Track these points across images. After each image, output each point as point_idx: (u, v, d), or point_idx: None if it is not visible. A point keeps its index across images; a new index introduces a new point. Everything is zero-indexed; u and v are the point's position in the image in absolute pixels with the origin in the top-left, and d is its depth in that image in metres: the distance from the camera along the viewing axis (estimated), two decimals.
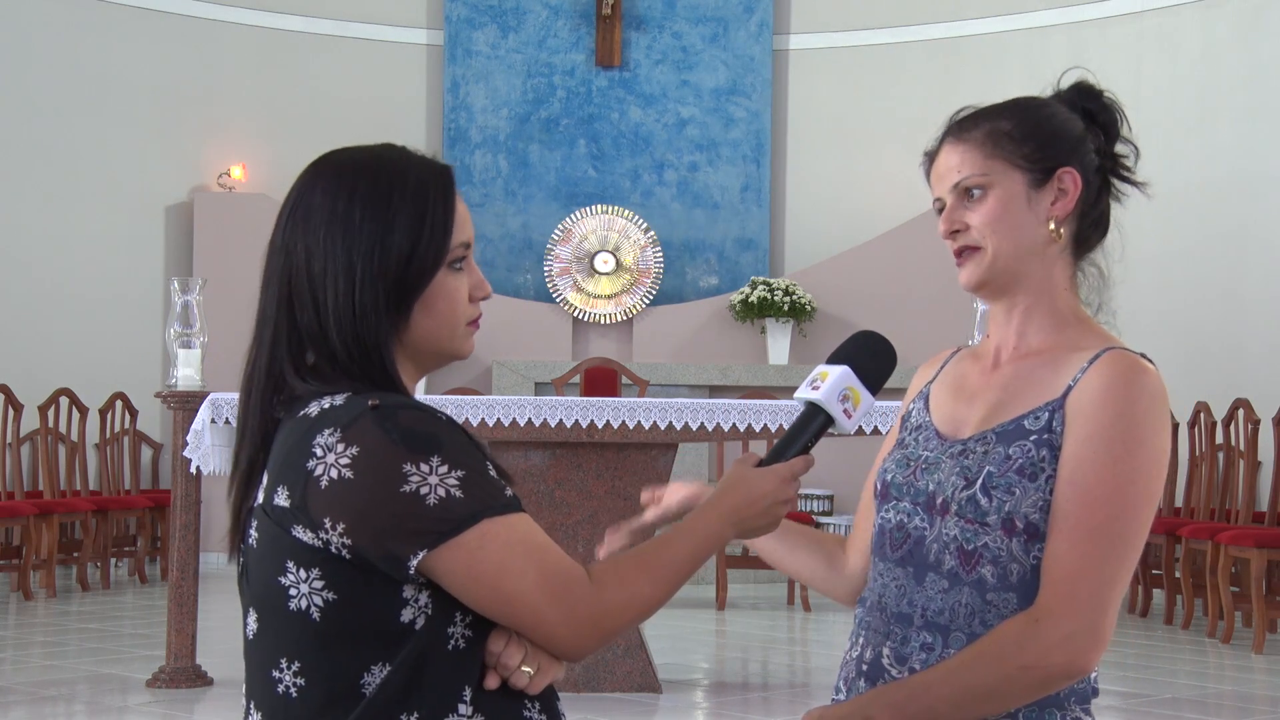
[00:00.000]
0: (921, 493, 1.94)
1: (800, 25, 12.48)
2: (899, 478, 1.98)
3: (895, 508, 1.98)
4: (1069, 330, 1.96)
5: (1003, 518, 1.85)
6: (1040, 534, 1.85)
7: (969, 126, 1.97)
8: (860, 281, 11.59)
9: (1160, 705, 6.24)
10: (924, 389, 2.09)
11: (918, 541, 1.93)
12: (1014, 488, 1.86)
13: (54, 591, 9.41)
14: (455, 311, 1.78)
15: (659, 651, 6.93)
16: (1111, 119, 2.01)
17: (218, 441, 6.11)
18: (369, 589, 1.65)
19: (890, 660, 1.92)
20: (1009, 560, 1.85)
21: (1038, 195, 1.94)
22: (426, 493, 1.62)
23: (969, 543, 1.87)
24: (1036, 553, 1.85)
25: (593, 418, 6.05)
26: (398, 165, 1.76)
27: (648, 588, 1.71)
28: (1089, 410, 1.85)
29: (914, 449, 2.00)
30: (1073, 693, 1.88)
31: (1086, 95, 2.02)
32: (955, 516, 1.89)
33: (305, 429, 1.68)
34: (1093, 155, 1.98)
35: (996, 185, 1.94)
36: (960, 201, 1.96)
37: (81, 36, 11.23)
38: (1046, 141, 1.95)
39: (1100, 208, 2.01)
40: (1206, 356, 10.26)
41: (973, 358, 2.06)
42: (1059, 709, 1.86)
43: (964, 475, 1.89)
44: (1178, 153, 10.72)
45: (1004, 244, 1.94)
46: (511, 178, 12.30)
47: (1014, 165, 1.94)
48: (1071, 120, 1.97)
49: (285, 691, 1.69)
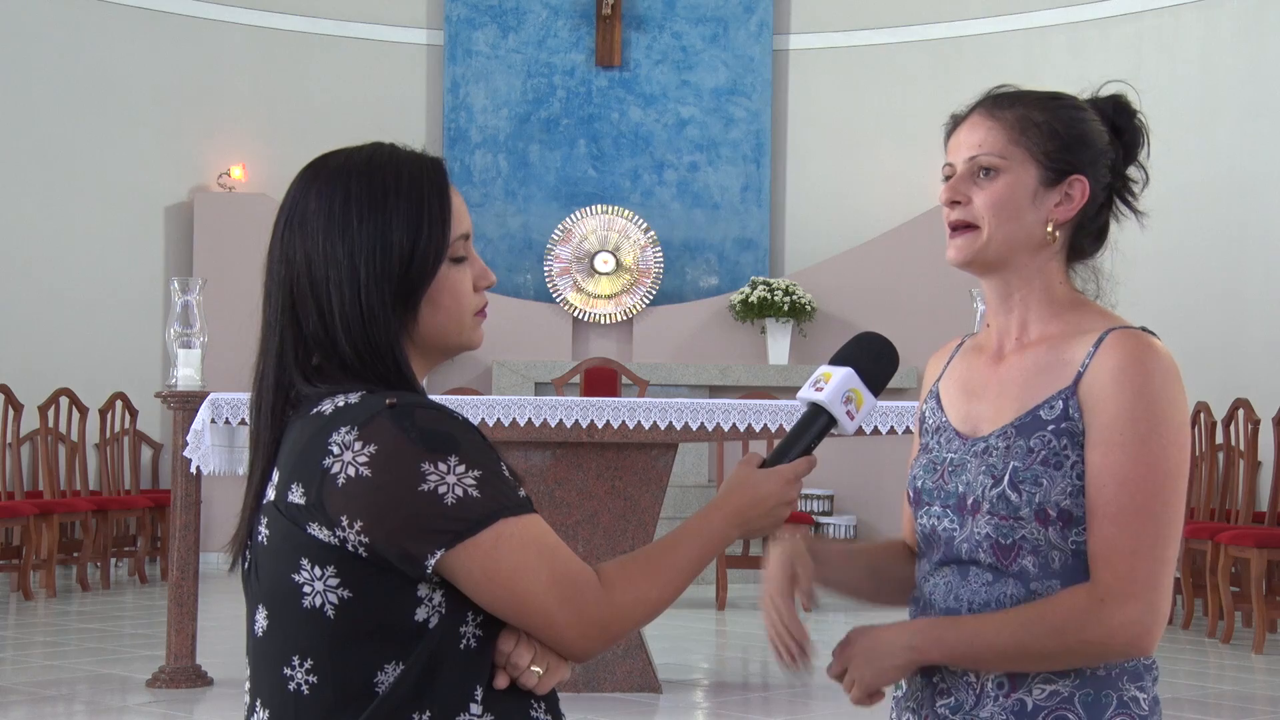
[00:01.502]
0: (952, 495, 1.96)
1: (800, 25, 12.48)
2: (928, 483, 2.00)
3: (928, 512, 2.00)
4: (1069, 315, 1.97)
5: (1035, 509, 1.87)
6: (1074, 519, 1.87)
7: (1004, 105, 1.98)
8: (860, 281, 11.59)
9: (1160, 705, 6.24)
10: (934, 387, 2.10)
11: (948, 543, 1.96)
12: (1041, 479, 1.87)
13: (54, 591, 9.41)
14: (461, 304, 1.78)
15: (659, 651, 6.93)
16: (1136, 141, 2.02)
17: (218, 441, 6.11)
18: (384, 587, 1.65)
19: None
20: (1049, 549, 1.88)
21: (1045, 194, 1.95)
22: (444, 492, 1.63)
23: (1005, 538, 1.89)
24: (1074, 537, 1.87)
25: (593, 418, 6.06)
26: (390, 164, 1.76)
27: (655, 590, 1.72)
28: (1107, 394, 1.86)
29: (938, 452, 2.02)
30: (1125, 671, 1.89)
31: (1121, 111, 2.02)
32: (988, 515, 1.90)
33: (319, 426, 1.68)
34: (1106, 170, 1.99)
35: (1010, 171, 1.94)
36: (970, 175, 1.97)
37: (81, 36, 11.23)
38: (1071, 144, 1.95)
39: (1099, 222, 2.02)
40: (1206, 356, 10.26)
41: (976, 350, 2.07)
42: (1114, 689, 1.88)
43: (991, 473, 1.91)
44: (1178, 153, 10.72)
45: (999, 230, 1.95)
46: (511, 178, 12.30)
47: (1032, 158, 1.94)
48: (1100, 132, 1.98)
49: (297, 689, 1.68)
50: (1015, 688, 1.88)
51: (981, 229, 1.95)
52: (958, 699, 1.92)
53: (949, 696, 1.93)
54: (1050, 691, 1.87)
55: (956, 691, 1.92)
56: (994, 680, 1.89)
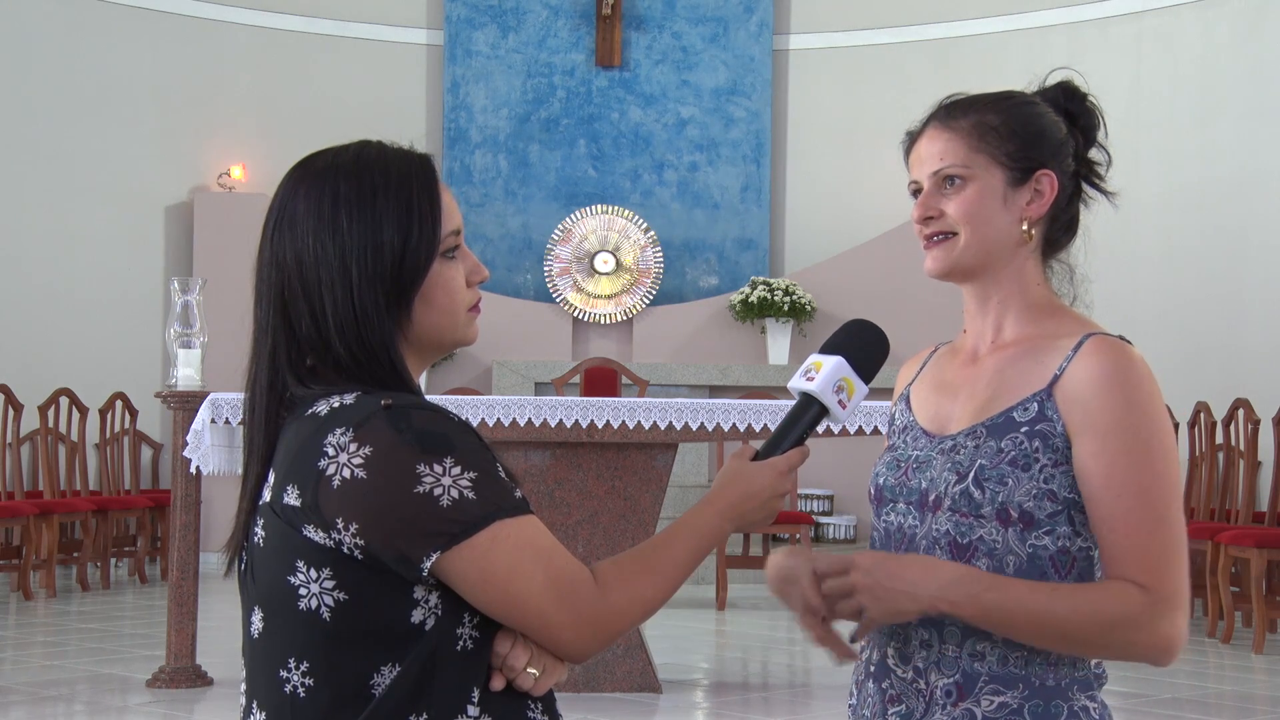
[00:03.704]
0: (915, 491, 1.94)
1: (800, 25, 12.48)
2: (891, 480, 1.99)
3: (892, 509, 1.98)
4: (1046, 321, 1.97)
5: (997, 508, 1.86)
6: (1035, 521, 1.86)
7: (957, 115, 1.97)
8: (860, 281, 11.59)
9: (1160, 705, 6.24)
10: (905, 390, 2.10)
11: (909, 539, 1.94)
12: (1006, 478, 1.86)
13: (54, 591, 9.41)
14: (455, 301, 1.77)
15: (659, 651, 6.93)
16: (1092, 123, 2.02)
17: (218, 441, 6.11)
18: (380, 589, 1.64)
19: (895, 660, 1.93)
20: (1005, 552, 1.86)
21: (1014, 194, 1.95)
22: (440, 494, 1.62)
23: (963, 536, 1.88)
24: (1033, 540, 1.86)
25: (593, 418, 6.05)
26: (377, 163, 1.75)
27: (651, 589, 1.71)
28: (1097, 401, 1.85)
29: (903, 450, 2.00)
30: (1074, 681, 1.88)
31: (1071, 96, 2.02)
32: (948, 511, 1.89)
33: (315, 428, 1.67)
34: (1071, 160, 1.98)
35: (977, 178, 1.94)
36: (938, 189, 1.96)
37: (81, 36, 11.23)
38: (1030, 142, 1.95)
39: (1071, 212, 2.01)
40: (1206, 356, 10.26)
41: (951, 353, 2.07)
42: (1064, 699, 1.87)
43: (956, 470, 1.89)
44: (1178, 153, 10.73)
45: (975, 236, 1.94)
46: (511, 178, 12.30)
47: (996, 161, 1.94)
48: (1056, 123, 1.98)
49: (293, 691, 1.68)
50: (964, 696, 1.86)
51: (959, 235, 1.95)
52: (908, 706, 1.91)
53: (899, 704, 1.92)
54: (999, 703, 1.85)
55: (907, 699, 1.91)
56: (942, 688, 1.87)
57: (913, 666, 1.91)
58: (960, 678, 1.87)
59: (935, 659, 1.89)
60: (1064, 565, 1.86)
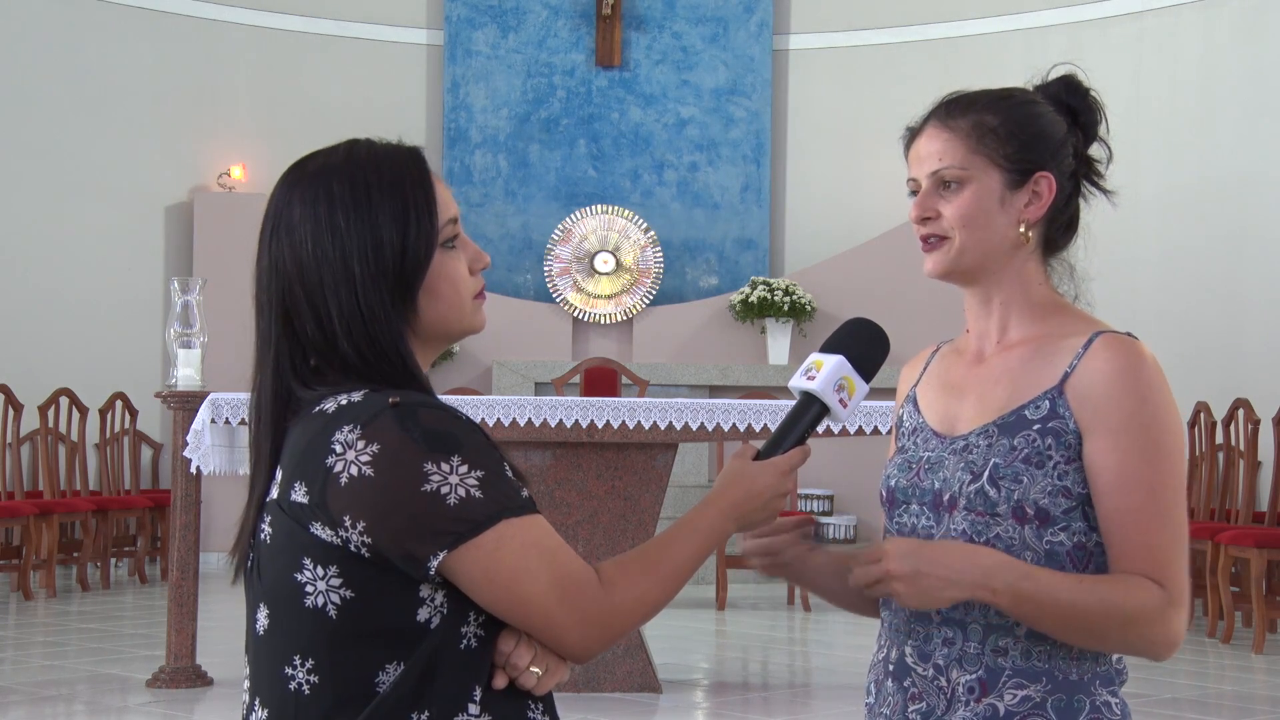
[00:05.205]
0: (928, 492, 1.94)
1: (800, 25, 12.48)
2: (903, 481, 1.98)
3: (905, 511, 1.98)
4: (1051, 319, 1.96)
5: (1013, 506, 1.86)
6: (1051, 518, 1.86)
7: (956, 114, 1.96)
8: (860, 281, 11.59)
9: (1160, 705, 6.24)
10: (910, 391, 2.09)
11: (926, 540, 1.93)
12: (1021, 476, 1.86)
13: (54, 591, 9.41)
14: (459, 290, 1.77)
15: (659, 651, 6.93)
16: (1093, 120, 2.00)
17: (218, 441, 6.11)
18: (387, 588, 1.64)
19: (914, 659, 1.93)
20: (1022, 549, 1.86)
21: (1012, 196, 1.94)
22: (447, 492, 1.62)
23: (980, 535, 1.88)
24: (1049, 538, 1.86)
25: (593, 418, 6.05)
26: (369, 161, 1.75)
27: (655, 589, 1.72)
28: (1109, 404, 1.85)
29: (914, 451, 2.00)
30: (1097, 676, 1.89)
31: (1072, 91, 2.00)
32: (964, 511, 1.89)
33: (322, 425, 1.68)
34: (1070, 159, 1.97)
35: (974, 180, 1.93)
36: (935, 189, 1.96)
37: (81, 36, 11.22)
38: (1029, 143, 1.94)
39: (1070, 211, 2.00)
40: (1206, 356, 10.26)
41: (955, 353, 2.06)
42: (1086, 694, 1.88)
43: (970, 470, 1.89)
44: (1178, 153, 10.73)
45: (972, 239, 1.94)
46: (511, 178, 12.30)
47: (994, 163, 1.93)
48: (1057, 122, 1.97)
49: (297, 688, 1.68)
50: (986, 692, 1.87)
51: (953, 239, 1.94)
52: (929, 704, 1.90)
53: (920, 702, 1.91)
54: (1023, 696, 1.86)
55: (928, 697, 1.91)
56: (965, 685, 1.88)
57: (933, 664, 1.91)
58: (984, 673, 1.87)
59: (957, 656, 1.89)
60: (1081, 560, 1.87)
